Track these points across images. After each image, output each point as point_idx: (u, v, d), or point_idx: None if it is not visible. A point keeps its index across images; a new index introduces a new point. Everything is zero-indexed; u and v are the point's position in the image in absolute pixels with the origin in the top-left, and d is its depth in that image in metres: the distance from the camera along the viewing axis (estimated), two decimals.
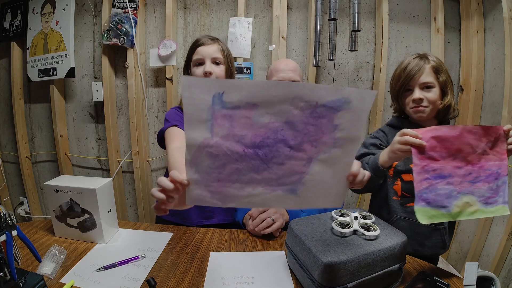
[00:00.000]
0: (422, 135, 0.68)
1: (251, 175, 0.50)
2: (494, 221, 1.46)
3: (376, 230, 0.67)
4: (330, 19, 1.43)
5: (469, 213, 0.69)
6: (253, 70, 1.63)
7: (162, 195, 0.49)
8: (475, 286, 0.60)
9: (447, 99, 0.93)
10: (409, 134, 0.69)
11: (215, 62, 0.97)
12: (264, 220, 0.90)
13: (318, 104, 0.46)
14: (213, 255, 0.82)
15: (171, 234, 0.93)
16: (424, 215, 0.66)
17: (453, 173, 0.68)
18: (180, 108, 1.05)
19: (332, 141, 0.50)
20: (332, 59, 1.57)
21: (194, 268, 0.76)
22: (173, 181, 0.48)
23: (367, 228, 0.69)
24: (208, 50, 0.96)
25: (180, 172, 0.49)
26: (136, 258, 0.78)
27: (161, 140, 1.00)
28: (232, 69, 1.03)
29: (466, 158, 0.68)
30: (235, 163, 0.48)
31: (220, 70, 0.97)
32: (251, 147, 0.48)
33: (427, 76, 0.90)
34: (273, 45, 1.62)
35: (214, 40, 1.00)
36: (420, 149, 0.68)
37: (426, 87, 0.90)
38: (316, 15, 1.51)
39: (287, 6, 1.61)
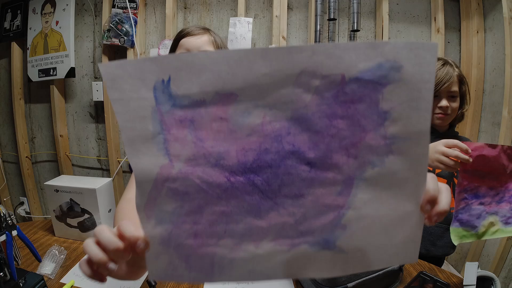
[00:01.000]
0: (470, 146, 0.66)
1: (249, 221, 0.29)
2: None
3: None
4: (329, 19, 1.43)
5: (492, 232, 0.70)
6: None
7: (100, 254, 0.29)
8: (475, 286, 0.61)
9: (466, 107, 0.97)
10: (461, 149, 0.65)
11: None
12: None
13: (346, 78, 0.26)
14: None
15: None
16: (456, 236, 0.68)
17: (486, 193, 0.67)
18: None
19: (383, 142, 0.27)
20: None
21: None
22: (122, 237, 0.29)
23: None
24: (195, 42, 0.74)
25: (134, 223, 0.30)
26: None
27: None
28: None
29: (498, 178, 0.68)
30: (218, 203, 0.29)
31: None
32: (240, 172, 0.28)
33: (454, 86, 0.92)
34: (273, 45, 1.62)
35: (204, 30, 0.78)
36: (466, 166, 0.65)
37: (451, 96, 0.93)
38: (316, 15, 1.51)
39: (287, 6, 1.61)
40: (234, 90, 0.26)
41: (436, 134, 0.97)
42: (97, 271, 0.30)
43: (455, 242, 0.67)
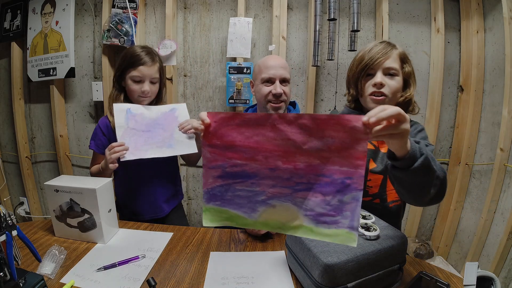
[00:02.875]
0: (212, 118, 0.53)
1: (149, 141, 1.04)
2: (494, 221, 1.46)
3: (376, 230, 0.67)
4: (329, 19, 1.43)
5: (288, 227, 0.55)
6: (253, 70, 1.63)
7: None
8: (475, 286, 0.60)
9: (409, 91, 0.85)
10: (200, 116, 0.54)
11: (152, 81, 1.09)
12: None
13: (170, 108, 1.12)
14: (213, 255, 0.82)
15: (171, 234, 0.93)
16: (216, 216, 0.56)
17: (262, 174, 0.53)
18: (107, 123, 1.13)
19: (176, 123, 1.09)
20: (332, 59, 1.57)
21: (194, 268, 0.76)
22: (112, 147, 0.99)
23: (367, 228, 0.69)
24: (149, 72, 1.07)
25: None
26: (136, 258, 0.78)
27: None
28: (164, 80, 1.17)
29: (285, 157, 0.52)
30: (141, 132, 1.04)
31: (155, 87, 1.11)
32: (150, 125, 1.06)
33: (392, 62, 0.80)
34: (273, 45, 1.62)
35: (154, 59, 1.08)
36: (210, 140, 0.53)
37: (390, 74, 0.81)
38: (316, 15, 1.51)
39: (287, 6, 1.62)
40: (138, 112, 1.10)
41: None
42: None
43: (211, 223, 0.57)
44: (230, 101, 1.65)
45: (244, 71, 1.63)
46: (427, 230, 1.84)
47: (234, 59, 1.65)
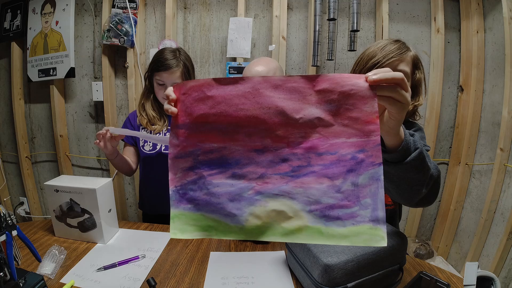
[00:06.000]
0: (180, 91, 0.42)
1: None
2: (494, 221, 1.46)
3: None
4: (329, 19, 1.43)
5: (287, 231, 0.40)
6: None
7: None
8: (475, 286, 0.60)
9: (419, 100, 0.79)
10: (166, 94, 0.44)
11: None
12: None
13: None
14: (213, 255, 0.82)
15: None
16: (189, 225, 0.43)
17: (246, 158, 0.41)
18: (134, 116, 1.22)
19: None
20: (332, 59, 1.57)
21: (194, 268, 0.76)
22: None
23: None
24: (170, 77, 1.07)
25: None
26: (136, 258, 0.78)
27: None
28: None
29: (274, 133, 0.40)
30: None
31: None
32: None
33: (405, 65, 0.74)
34: (273, 45, 1.62)
35: (178, 64, 1.07)
36: (177, 119, 0.43)
37: None
38: (315, 15, 1.51)
39: (287, 6, 1.61)
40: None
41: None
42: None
43: (182, 235, 0.43)
44: None
45: None
46: (427, 230, 1.84)
47: (234, 59, 1.65)
